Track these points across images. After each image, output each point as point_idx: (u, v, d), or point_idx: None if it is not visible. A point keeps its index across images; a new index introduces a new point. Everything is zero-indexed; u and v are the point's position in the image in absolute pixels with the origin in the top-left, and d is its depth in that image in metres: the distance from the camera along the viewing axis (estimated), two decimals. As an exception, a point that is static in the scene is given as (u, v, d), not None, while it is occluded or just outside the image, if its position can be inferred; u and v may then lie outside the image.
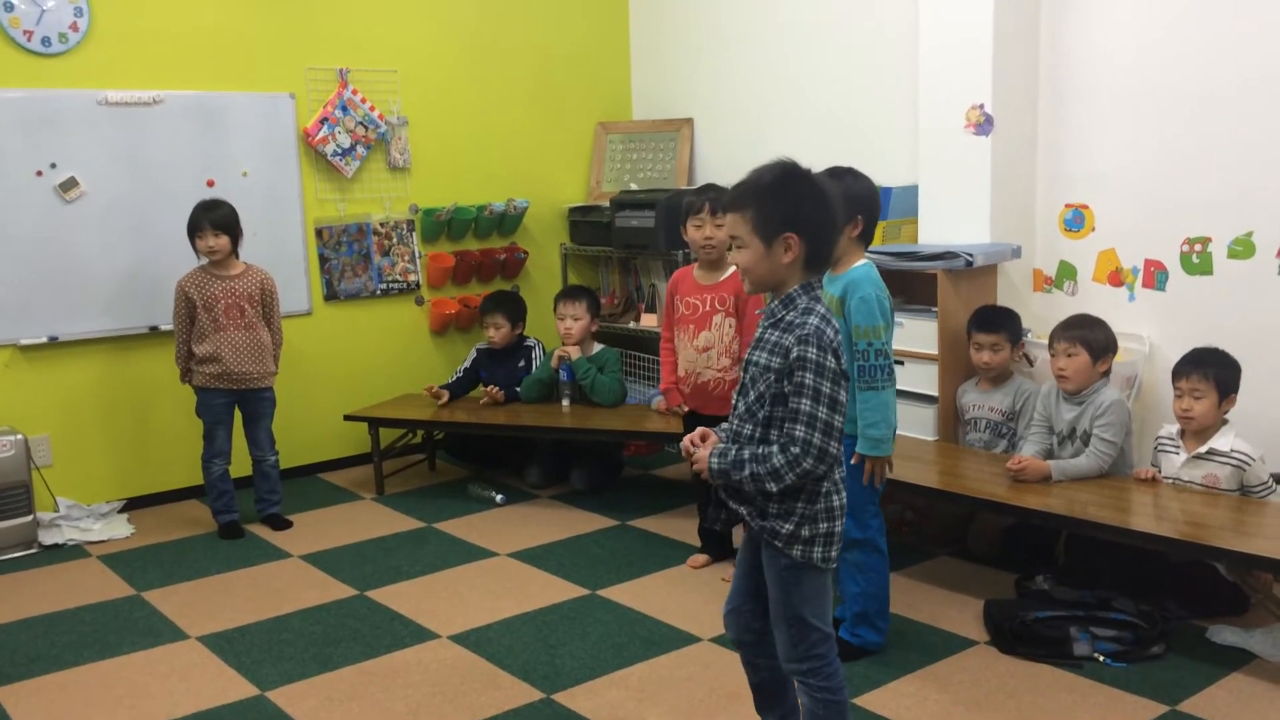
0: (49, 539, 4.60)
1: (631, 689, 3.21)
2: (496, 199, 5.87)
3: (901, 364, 4.37)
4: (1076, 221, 4.46)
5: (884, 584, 3.35)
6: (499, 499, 5.02)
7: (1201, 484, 3.57)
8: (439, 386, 5.34)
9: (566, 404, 5.16)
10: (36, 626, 3.81)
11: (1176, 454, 3.66)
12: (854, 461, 3.14)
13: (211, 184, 5.02)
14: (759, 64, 5.63)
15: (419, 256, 5.75)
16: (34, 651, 3.61)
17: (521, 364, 5.40)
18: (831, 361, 2.30)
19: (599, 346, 5.26)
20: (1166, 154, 4.16)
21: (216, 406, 4.60)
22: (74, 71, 4.74)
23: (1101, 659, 3.25)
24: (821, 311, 2.34)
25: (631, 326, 5.79)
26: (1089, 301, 4.35)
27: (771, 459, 2.31)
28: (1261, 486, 3.52)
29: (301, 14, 5.30)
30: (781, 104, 5.54)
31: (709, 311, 3.99)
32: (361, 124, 5.45)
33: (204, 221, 4.44)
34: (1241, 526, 3.28)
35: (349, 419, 5.28)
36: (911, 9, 4.70)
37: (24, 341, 4.73)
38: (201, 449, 4.64)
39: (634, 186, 6.03)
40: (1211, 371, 3.54)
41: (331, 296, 5.51)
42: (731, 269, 3.96)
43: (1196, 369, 3.57)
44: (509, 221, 5.96)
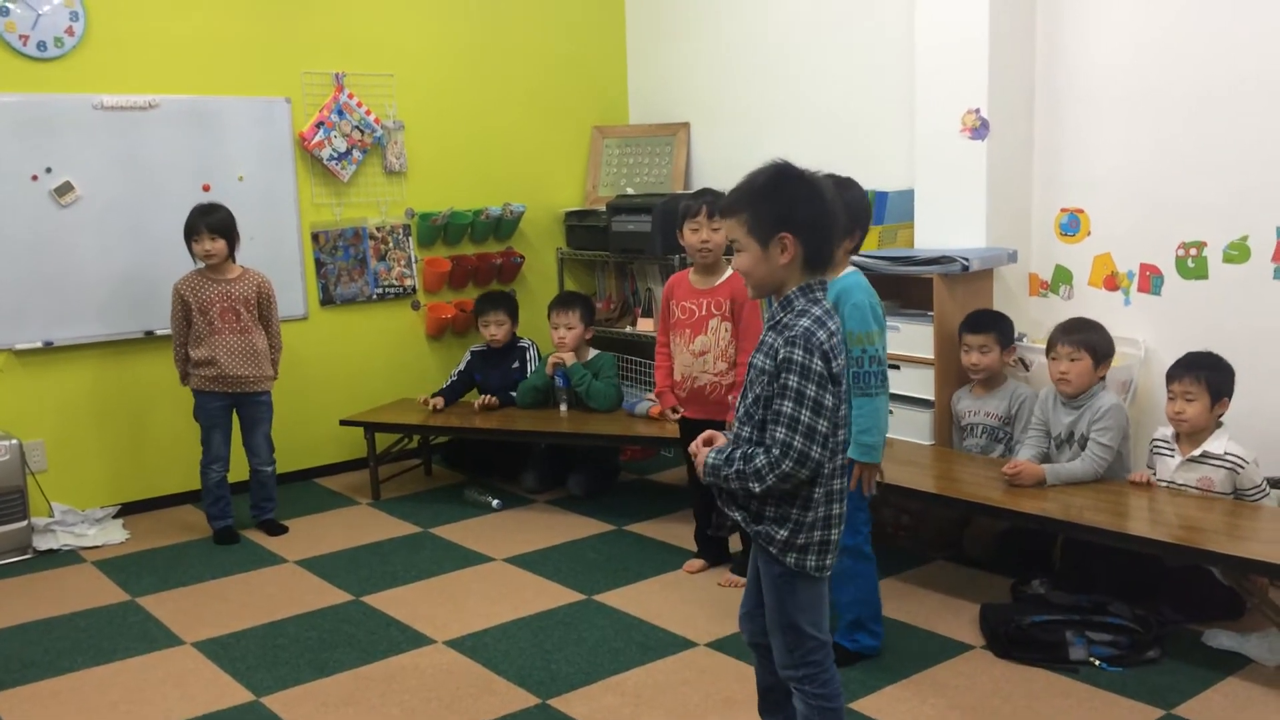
0: (44, 544, 4.59)
1: (627, 694, 3.21)
2: (493, 203, 5.87)
3: (897, 368, 4.38)
4: (1072, 226, 4.47)
5: (874, 588, 3.35)
6: (495, 504, 5.01)
7: (1196, 487, 3.57)
8: (432, 395, 5.33)
9: (564, 409, 5.16)
10: (31, 632, 3.80)
11: (1172, 457, 3.67)
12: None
13: (207, 188, 5.01)
14: (755, 68, 5.64)
15: (415, 261, 5.75)
16: (28, 657, 3.60)
17: (516, 365, 5.39)
18: (818, 364, 2.28)
19: (594, 352, 5.26)
20: (1162, 158, 4.17)
21: (213, 410, 4.59)
22: (70, 76, 4.74)
23: (1097, 663, 3.25)
24: (817, 314, 2.32)
25: (628, 331, 5.79)
26: (1085, 306, 4.36)
27: (755, 459, 2.32)
28: (1255, 490, 3.52)
29: (297, 18, 5.30)
30: (778, 108, 5.55)
31: (705, 316, 3.99)
32: (357, 128, 5.45)
33: (200, 225, 4.44)
34: (1237, 530, 3.29)
35: (345, 424, 5.28)
36: (907, 13, 4.70)
37: (19, 346, 4.72)
38: (200, 454, 4.63)
39: (630, 191, 6.03)
40: (1204, 375, 3.56)
41: (327, 301, 5.51)
42: (727, 273, 3.97)
43: (1189, 372, 3.59)
44: (505, 226, 5.96)
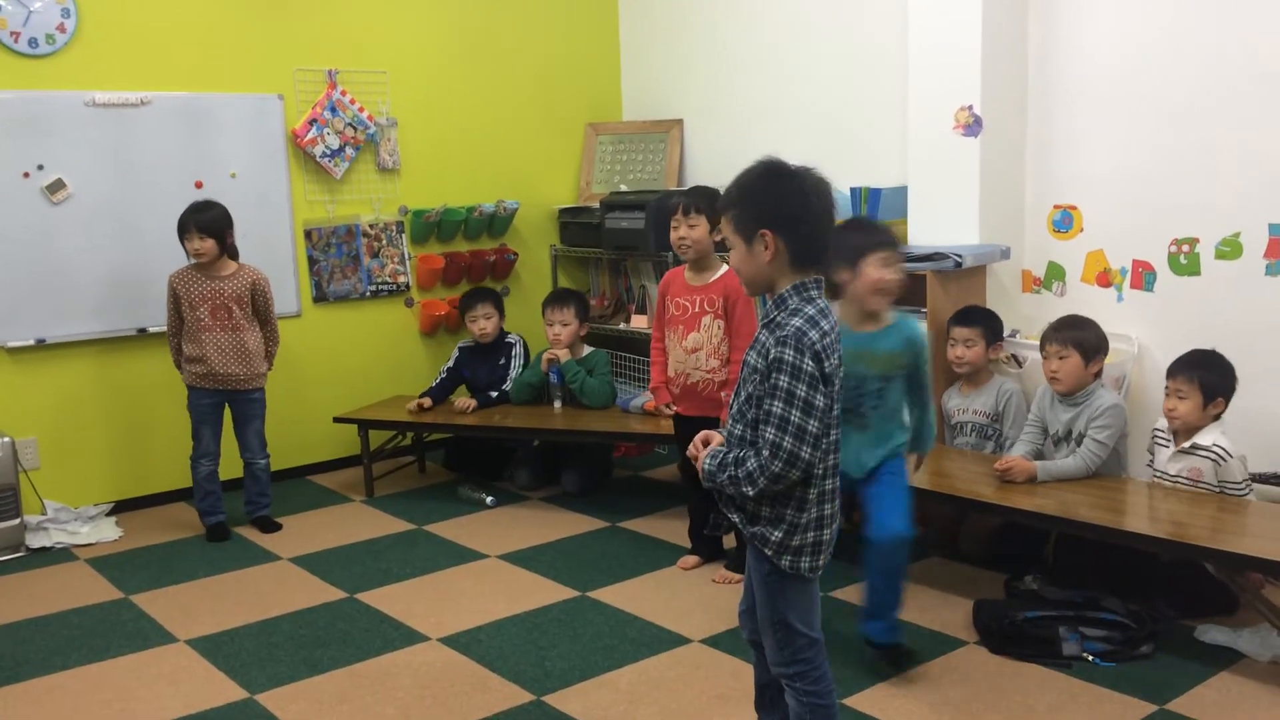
0: (36, 542, 4.57)
1: (622, 691, 3.21)
2: (486, 200, 5.86)
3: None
4: (1065, 222, 4.47)
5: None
6: (489, 501, 5.01)
7: (1186, 477, 3.59)
8: (419, 396, 5.28)
9: (558, 405, 5.16)
10: (24, 630, 3.79)
11: (1167, 447, 3.70)
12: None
13: (200, 185, 5.00)
14: (749, 65, 5.63)
15: (408, 258, 5.74)
16: (21, 655, 3.59)
17: (503, 361, 5.37)
18: (809, 364, 2.25)
19: (588, 349, 5.26)
20: (1155, 155, 4.18)
21: (203, 406, 4.58)
22: (61, 73, 4.73)
23: (1090, 659, 3.26)
24: (810, 313, 2.30)
25: (622, 328, 5.79)
26: (1078, 302, 4.37)
27: (747, 463, 2.31)
28: (1235, 485, 3.53)
29: (290, 15, 5.29)
30: (771, 104, 5.55)
31: (698, 313, 3.99)
32: (350, 125, 5.44)
33: (190, 224, 4.42)
34: (1230, 526, 3.30)
35: (338, 421, 5.27)
36: (901, 10, 4.70)
37: (11, 344, 4.71)
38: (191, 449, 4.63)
39: (624, 188, 6.03)
40: (1198, 375, 3.56)
41: (321, 298, 5.50)
42: (721, 270, 3.98)
43: (1184, 371, 3.60)
44: (498, 223, 5.96)
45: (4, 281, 4.66)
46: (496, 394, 5.25)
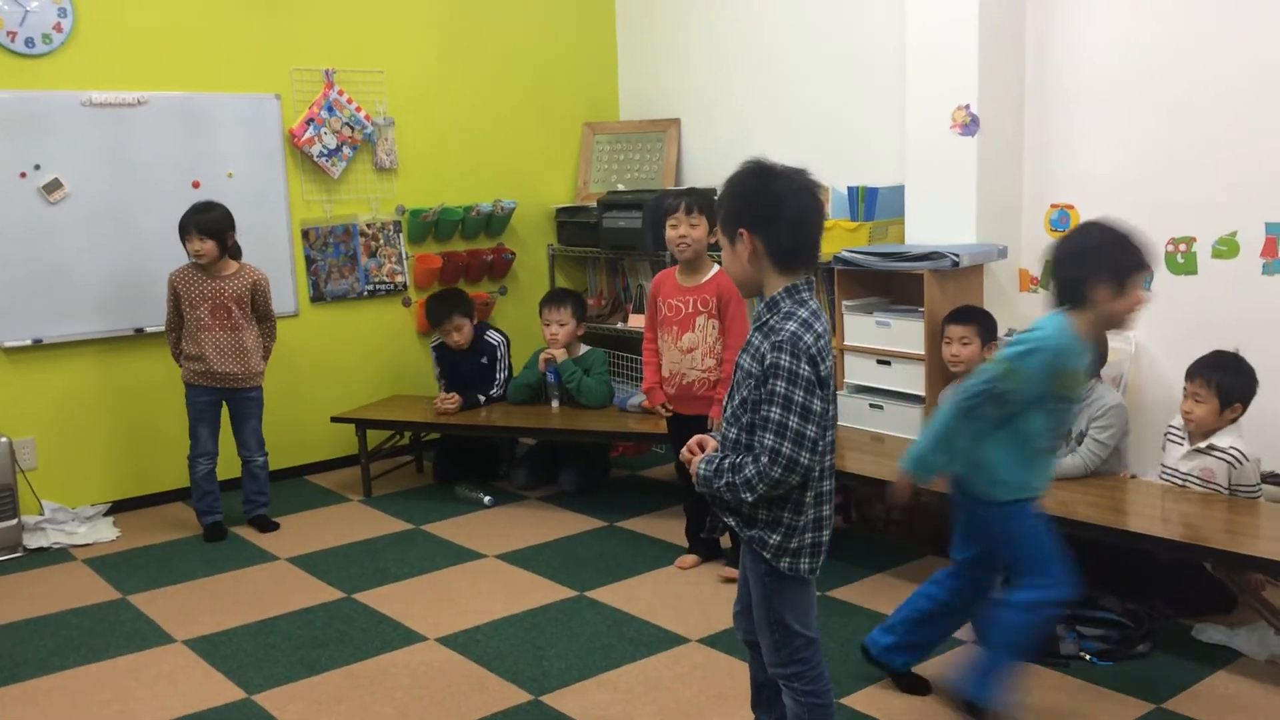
0: (34, 542, 4.57)
1: (619, 690, 3.21)
2: (483, 200, 5.86)
3: (888, 364, 4.39)
4: (1062, 221, 4.47)
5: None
6: (487, 500, 5.01)
7: (1198, 477, 3.58)
8: (441, 394, 5.23)
9: (556, 405, 5.16)
10: (21, 630, 3.79)
11: (1180, 445, 3.68)
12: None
13: (197, 185, 5.00)
14: (746, 64, 5.63)
15: (406, 258, 5.74)
16: (19, 656, 3.59)
17: (484, 359, 5.32)
18: (805, 369, 2.25)
19: (585, 348, 5.26)
20: (1152, 154, 4.18)
21: (200, 404, 4.58)
22: (58, 72, 4.72)
23: (1087, 657, 3.26)
24: (803, 315, 2.29)
25: (619, 327, 5.79)
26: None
27: (744, 470, 2.30)
28: (1248, 488, 3.53)
29: (287, 15, 5.28)
30: (768, 104, 5.55)
31: (692, 313, 3.99)
32: (347, 125, 5.43)
33: (190, 225, 4.42)
34: (1229, 526, 3.30)
35: (336, 421, 5.27)
36: (898, 9, 4.70)
37: (8, 344, 4.71)
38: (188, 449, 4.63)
39: (621, 187, 6.03)
40: (1216, 378, 3.53)
41: (318, 298, 5.50)
42: (713, 271, 4.00)
43: (1202, 373, 3.56)
44: (496, 222, 5.95)
45: (1, 281, 4.66)
46: (485, 398, 5.22)
